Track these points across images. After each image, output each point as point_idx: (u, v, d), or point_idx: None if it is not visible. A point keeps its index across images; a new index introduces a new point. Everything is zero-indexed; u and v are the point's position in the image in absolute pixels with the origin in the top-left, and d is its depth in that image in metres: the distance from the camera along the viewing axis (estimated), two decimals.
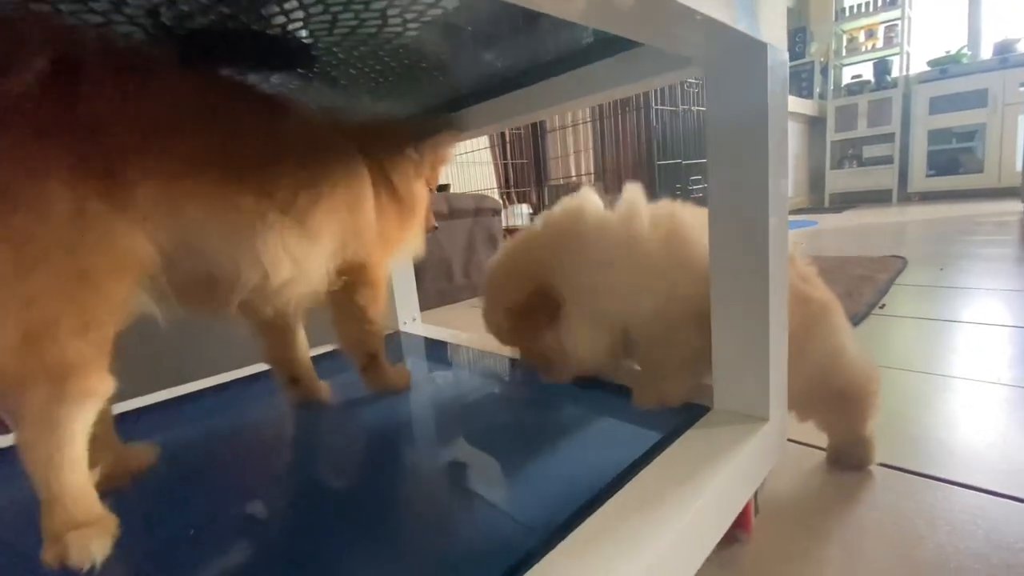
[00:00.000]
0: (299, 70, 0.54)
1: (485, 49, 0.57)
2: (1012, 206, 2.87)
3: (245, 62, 0.51)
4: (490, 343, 0.87)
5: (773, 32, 0.46)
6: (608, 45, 0.57)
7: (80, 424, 0.36)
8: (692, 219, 0.58)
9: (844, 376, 0.59)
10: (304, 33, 0.45)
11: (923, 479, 0.59)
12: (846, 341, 0.59)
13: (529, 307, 0.60)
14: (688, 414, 0.53)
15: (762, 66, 0.46)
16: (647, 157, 1.98)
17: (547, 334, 0.61)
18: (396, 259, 0.69)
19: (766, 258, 0.48)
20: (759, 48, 0.45)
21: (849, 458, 0.63)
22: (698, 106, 2.07)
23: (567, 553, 0.35)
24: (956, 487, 0.57)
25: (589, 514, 0.38)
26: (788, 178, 0.53)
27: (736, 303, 0.51)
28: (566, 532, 0.37)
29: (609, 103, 2.24)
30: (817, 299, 0.59)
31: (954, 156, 3.80)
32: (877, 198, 4.12)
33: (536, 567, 0.34)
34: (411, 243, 0.70)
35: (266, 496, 0.48)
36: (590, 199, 0.63)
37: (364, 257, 0.60)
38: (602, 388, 0.63)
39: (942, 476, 0.59)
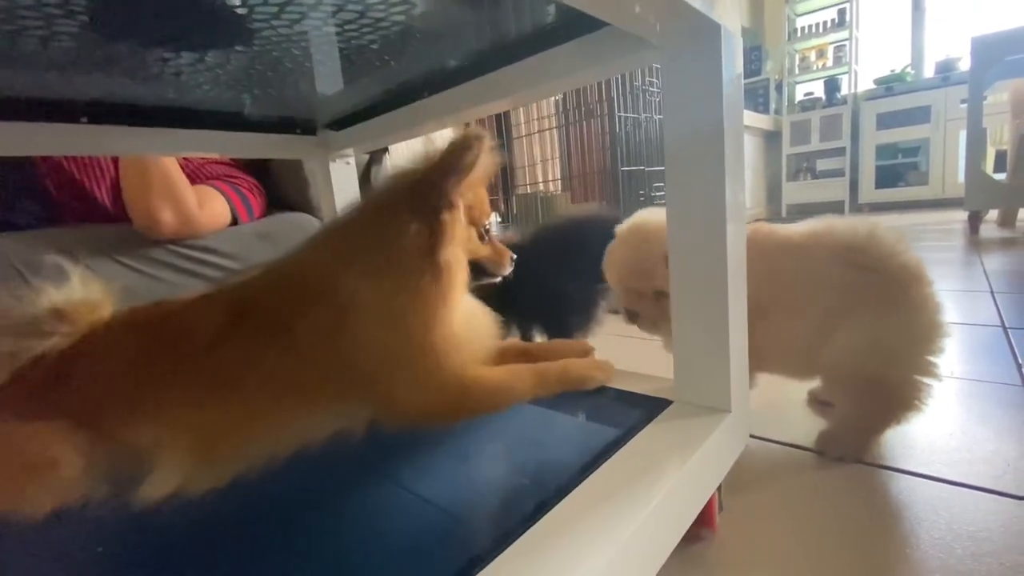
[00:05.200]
0: (237, 47, 0.51)
1: (442, 30, 0.55)
2: (956, 215, 3.00)
3: (173, 35, 0.48)
4: None
5: (727, 15, 0.46)
6: (567, 29, 0.55)
7: None
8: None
9: (916, 368, 0.58)
10: (236, 2, 0.42)
11: (885, 471, 0.59)
12: (937, 330, 0.58)
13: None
14: (650, 408, 0.51)
15: (716, 47, 0.45)
16: (612, 164, 1.99)
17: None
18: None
19: (724, 246, 0.47)
20: (713, 29, 0.45)
21: (845, 449, 0.62)
22: (659, 114, 2.10)
23: (523, 551, 0.33)
24: (918, 478, 0.57)
25: (546, 511, 0.36)
26: (745, 171, 0.52)
27: (696, 294, 0.50)
28: (523, 529, 0.34)
29: (574, 110, 2.26)
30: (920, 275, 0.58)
31: (900, 169, 3.98)
32: (831, 209, 4.23)
33: (491, 565, 0.31)
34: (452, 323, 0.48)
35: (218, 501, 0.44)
36: None
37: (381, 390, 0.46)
38: None
39: (904, 468, 0.59)
